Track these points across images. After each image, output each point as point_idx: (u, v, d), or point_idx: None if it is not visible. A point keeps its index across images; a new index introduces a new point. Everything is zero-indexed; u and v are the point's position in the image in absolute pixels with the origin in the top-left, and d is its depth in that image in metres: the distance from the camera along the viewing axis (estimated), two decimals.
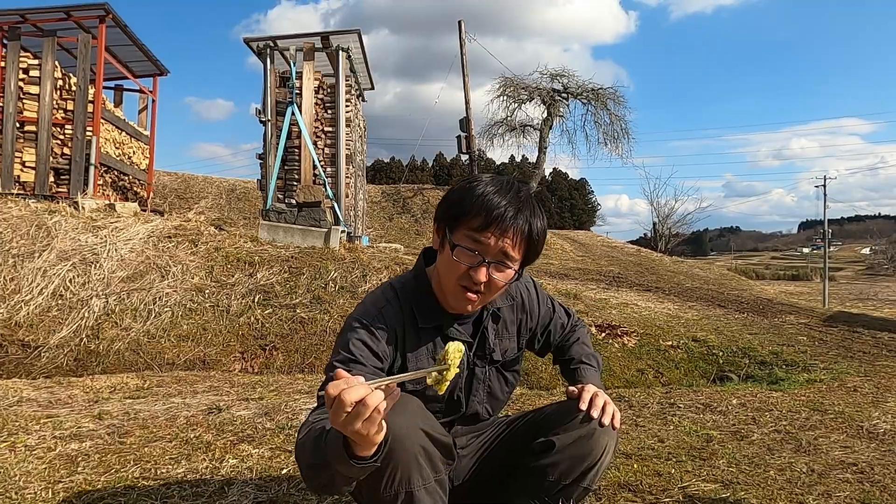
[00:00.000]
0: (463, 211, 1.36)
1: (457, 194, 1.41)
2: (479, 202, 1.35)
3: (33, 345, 5.21)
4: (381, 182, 33.32)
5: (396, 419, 1.26)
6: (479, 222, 1.34)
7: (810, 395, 3.92)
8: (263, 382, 4.31)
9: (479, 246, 1.35)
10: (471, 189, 1.38)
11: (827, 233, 31.44)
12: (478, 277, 1.36)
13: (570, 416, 1.42)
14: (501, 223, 1.33)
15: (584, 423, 1.39)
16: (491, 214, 1.33)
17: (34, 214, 7.01)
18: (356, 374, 1.28)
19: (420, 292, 1.47)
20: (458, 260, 1.36)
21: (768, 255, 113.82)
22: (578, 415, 1.40)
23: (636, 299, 8.76)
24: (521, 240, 1.36)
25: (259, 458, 2.43)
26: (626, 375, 5.34)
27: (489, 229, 1.34)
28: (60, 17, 8.66)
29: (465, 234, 1.36)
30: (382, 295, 1.47)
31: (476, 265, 1.35)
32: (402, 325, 1.43)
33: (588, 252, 18.47)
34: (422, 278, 1.50)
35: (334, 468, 1.10)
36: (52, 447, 2.51)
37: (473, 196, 1.36)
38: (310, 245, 7.75)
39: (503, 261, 1.37)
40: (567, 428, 1.41)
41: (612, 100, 21.48)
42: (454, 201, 1.40)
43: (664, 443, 2.76)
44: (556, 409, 1.51)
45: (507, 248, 1.35)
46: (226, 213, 16.03)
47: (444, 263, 1.41)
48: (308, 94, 8.61)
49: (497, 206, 1.34)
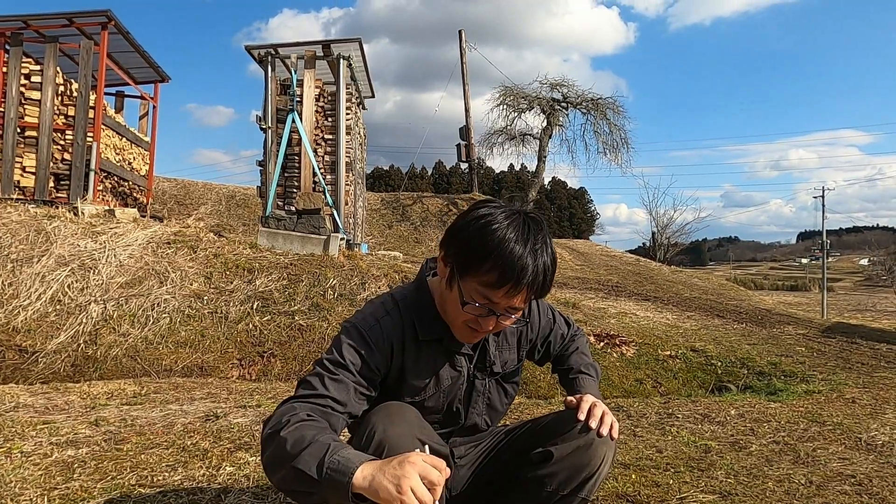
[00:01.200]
0: (477, 260, 1.28)
1: (472, 236, 1.29)
2: (496, 255, 1.25)
3: (31, 350, 5.19)
4: (381, 190, 33.35)
5: (393, 429, 1.25)
6: (493, 279, 1.27)
7: (809, 407, 3.91)
8: (261, 390, 4.30)
9: (490, 303, 1.32)
10: (487, 233, 1.27)
11: (825, 243, 31.48)
12: (486, 327, 1.35)
13: (568, 426, 1.41)
14: (517, 285, 1.27)
15: (582, 433, 1.38)
16: (506, 274, 1.26)
17: (33, 219, 7.01)
18: (342, 379, 1.29)
19: (421, 305, 1.45)
20: (466, 311, 1.34)
21: (767, 265, 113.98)
22: (577, 425, 1.39)
23: (635, 309, 8.75)
24: (533, 293, 1.33)
25: (256, 465, 2.42)
26: (625, 385, 5.33)
27: (504, 289, 1.28)
28: (63, 24, 8.70)
29: (477, 288, 1.30)
30: (382, 305, 1.45)
31: (485, 315, 1.33)
32: (402, 337, 1.41)
33: (587, 261, 18.48)
34: (423, 291, 1.48)
35: (325, 495, 1.08)
36: (49, 453, 2.50)
37: (491, 245, 1.26)
38: (309, 252, 7.75)
39: (512, 313, 1.35)
40: (565, 438, 1.40)
41: (611, 109, 21.58)
42: (467, 244, 1.30)
43: (662, 453, 2.76)
44: (554, 419, 1.50)
45: (519, 303, 1.33)
46: (225, 220, 16.03)
47: (450, 302, 1.38)
48: (309, 101, 8.65)
49: (514, 264, 1.25)
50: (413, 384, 1.43)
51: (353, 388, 1.30)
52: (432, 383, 1.45)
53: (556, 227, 46.49)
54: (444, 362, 1.46)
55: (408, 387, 1.43)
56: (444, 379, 1.46)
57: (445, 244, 1.36)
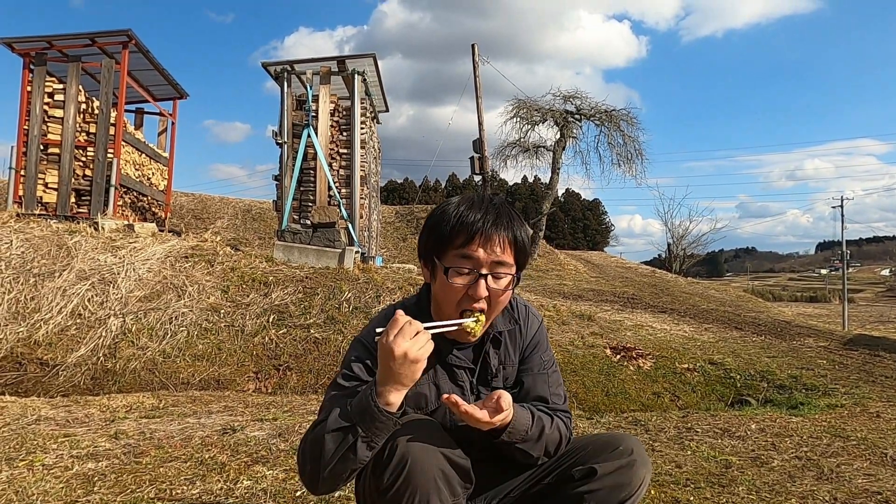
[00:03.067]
0: (443, 234, 1.38)
1: (432, 221, 1.43)
2: (455, 221, 1.37)
3: (51, 363, 5.27)
4: (395, 202, 33.52)
5: (415, 442, 1.26)
6: (462, 239, 1.36)
7: (831, 421, 3.84)
8: (277, 403, 4.32)
9: (470, 261, 1.36)
10: (443, 213, 1.40)
11: (845, 254, 30.99)
12: (478, 292, 1.36)
13: (610, 446, 1.42)
14: (484, 234, 1.35)
15: (624, 453, 1.39)
16: (472, 228, 1.35)
17: (55, 234, 7.14)
18: (353, 393, 1.31)
19: (420, 315, 1.45)
20: (455, 282, 1.37)
21: (785, 276, 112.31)
22: (619, 445, 1.40)
23: (651, 321, 8.67)
24: (507, 243, 1.37)
25: (273, 479, 2.42)
26: (642, 399, 5.27)
27: (474, 242, 1.35)
28: (86, 43, 8.92)
29: (454, 255, 1.37)
30: (385, 315, 1.48)
31: (474, 281, 1.36)
32: None
33: (602, 273, 18.37)
34: (423, 301, 1.52)
35: (358, 430, 1.19)
36: (69, 466, 2.53)
37: (448, 217, 1.38)
38: (324, 265, 7.80)
39: (498, 270, 1.38)
40: (608, 457, 1.40)
41: (625, 121, 21.52)
42: (431, 228, 1.42)
43: (682, 468, 2.72)
44: (593, 440, 1.49)
45: (499, 255, 1.37)
46: (241, 234, 16.20)
47: (441, 291, 1.41)
48: (324, 116, 8.75)
49: (475, 220, 1.36)
50: (415, 391, 1.42)
51: None
52: (433, 396, 1.45)
53: (570, 239, 46.31)
54: (443, 374, 1.47)
55: (409, 396, 1.43)
56: (444, 390, 1.46)
57: (418, 249, 1.48)
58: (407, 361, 1.19)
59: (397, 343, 1.18)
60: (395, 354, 1.18)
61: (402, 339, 1.19)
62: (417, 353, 1.19)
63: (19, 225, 7.34)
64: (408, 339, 1.19)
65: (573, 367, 5.68)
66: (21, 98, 8.71)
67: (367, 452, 1.22)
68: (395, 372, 1.19)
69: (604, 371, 5.70)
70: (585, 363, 5.84)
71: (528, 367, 1.57)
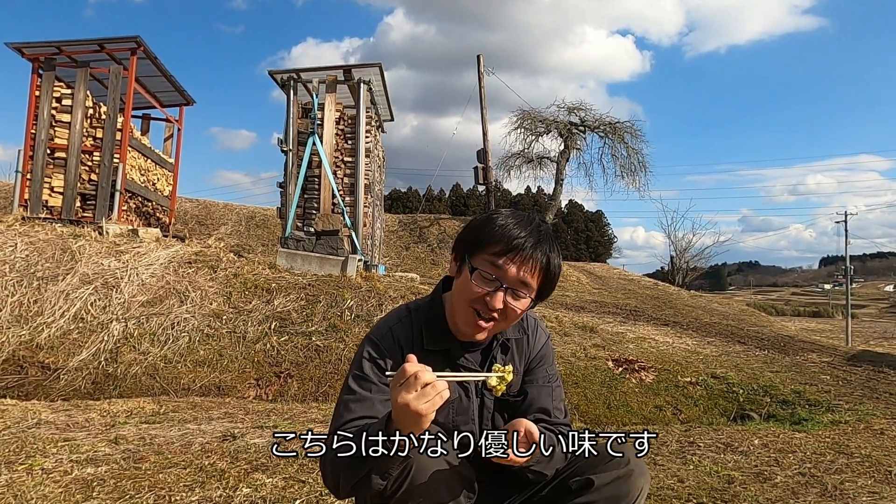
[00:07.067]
0: (484, 237, 1.40)
1: (478, 222, 1.46)
2: (500, 231, 1.39)
3: (53, 367, 5.27)
4: (398, 211, 33.54)
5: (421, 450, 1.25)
6: (499, 248, 1.38)
7: (835, 437, 3.81)
8: (278, 410, 4.30)
9: (498, 272, 1.37)
10: (492, 219, 1.43)
11: (849, 269, 30.84)
12: (494, 304, 1.37)
13: (607, 456, 1.41)
14: (521, 252, 1.37)
15: (621, 464, 1.39)
16: (511, 242, 1.37)
17: (59, 238, 7.16)
18: (365, 395, 1.34)
19: (432, 316, 1.50)
20: (476, 284, 1.38)
21: (788, 290, 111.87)
22: (616, 455, 1.40)
23: (654, 334, 8.63)
24: (539, 270, 1.39)
25: (273, 487, 2.41)
26: (644, 412, 5.24)
27: (509, 256, 1.37)
28: (94, 49, 9.00)
29: (485, 259, 1.39)
30: (396, 314, 1.52)
31: (493, 291, 1.37)
32: (411, 344, 1.46)
33: (605, 285, 18.33)
34: (437, 303, 1.53)
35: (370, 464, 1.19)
36: (69, 471, 2.52)
37: (495, 225, 1.41)
38: (327, 273, 7.80)
39: (520, 289, 1.39)
40: (605, 468, 1.39)
41: (629, 133, 21.58)
42: (475, 228, 1.45)
43: (684, 483, 2.70)
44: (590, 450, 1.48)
45: (526, 277, 1.37)
46: (245, 240, 16.22)
47: (460, 286, 1.43)
48: (329, 124, 8.78)
49: (518, 235, 1.38)
50: None
51: (377, 398, 1.36)
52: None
53: (572, 250, 46.23)
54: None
55: None
56: (450, 391, 1.45)
57: (456, 240, 1.49)
58: (411, 413, 1.14)
59: (401, 395, 1.14)
60: (398, 405, 1.15)
61: (405, 393, 1.14)
62: (421, 406, 1.13)
63: (24, 228, 7.37)
64: (412, 393, 1.14)
65: (575, 379, 5.66)
66: (29, 102, 8.78)
67: (381, 482, 1.22)
68: (403, 420, 1.16)
69: (605, 383, 5.67)
70: (587, 375, 5.81)
71: (533, 378, 1.58)
